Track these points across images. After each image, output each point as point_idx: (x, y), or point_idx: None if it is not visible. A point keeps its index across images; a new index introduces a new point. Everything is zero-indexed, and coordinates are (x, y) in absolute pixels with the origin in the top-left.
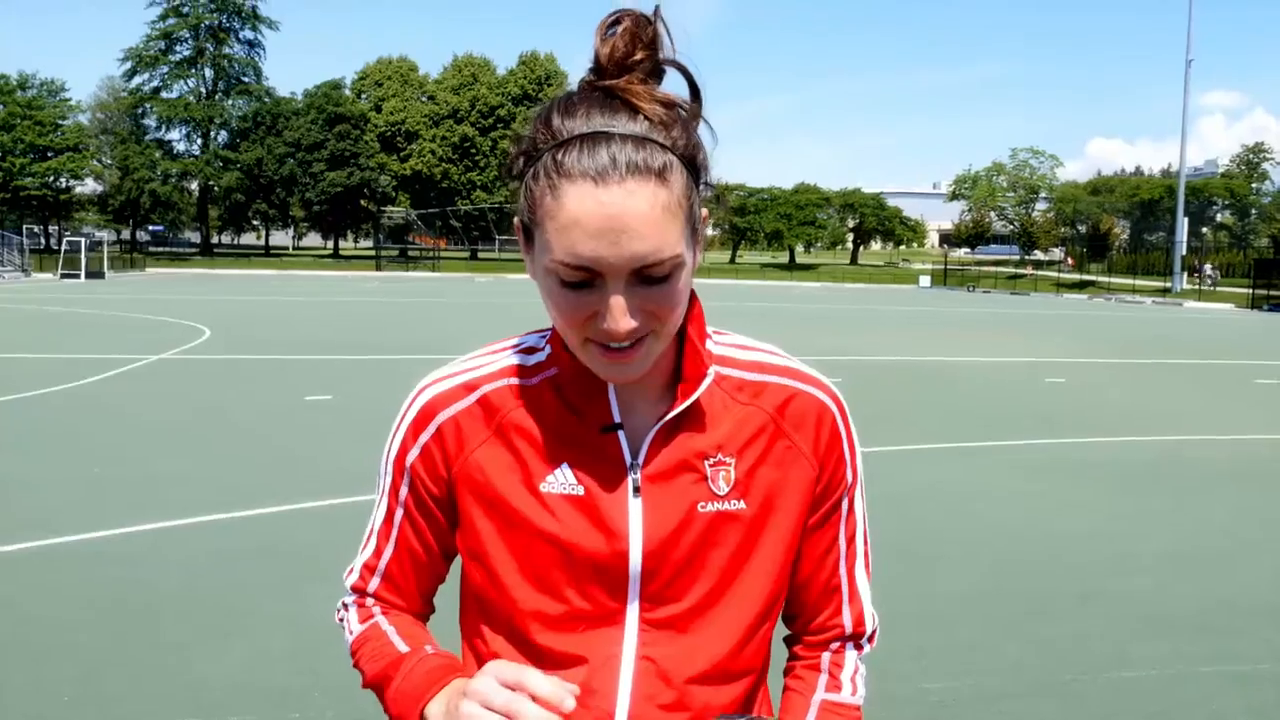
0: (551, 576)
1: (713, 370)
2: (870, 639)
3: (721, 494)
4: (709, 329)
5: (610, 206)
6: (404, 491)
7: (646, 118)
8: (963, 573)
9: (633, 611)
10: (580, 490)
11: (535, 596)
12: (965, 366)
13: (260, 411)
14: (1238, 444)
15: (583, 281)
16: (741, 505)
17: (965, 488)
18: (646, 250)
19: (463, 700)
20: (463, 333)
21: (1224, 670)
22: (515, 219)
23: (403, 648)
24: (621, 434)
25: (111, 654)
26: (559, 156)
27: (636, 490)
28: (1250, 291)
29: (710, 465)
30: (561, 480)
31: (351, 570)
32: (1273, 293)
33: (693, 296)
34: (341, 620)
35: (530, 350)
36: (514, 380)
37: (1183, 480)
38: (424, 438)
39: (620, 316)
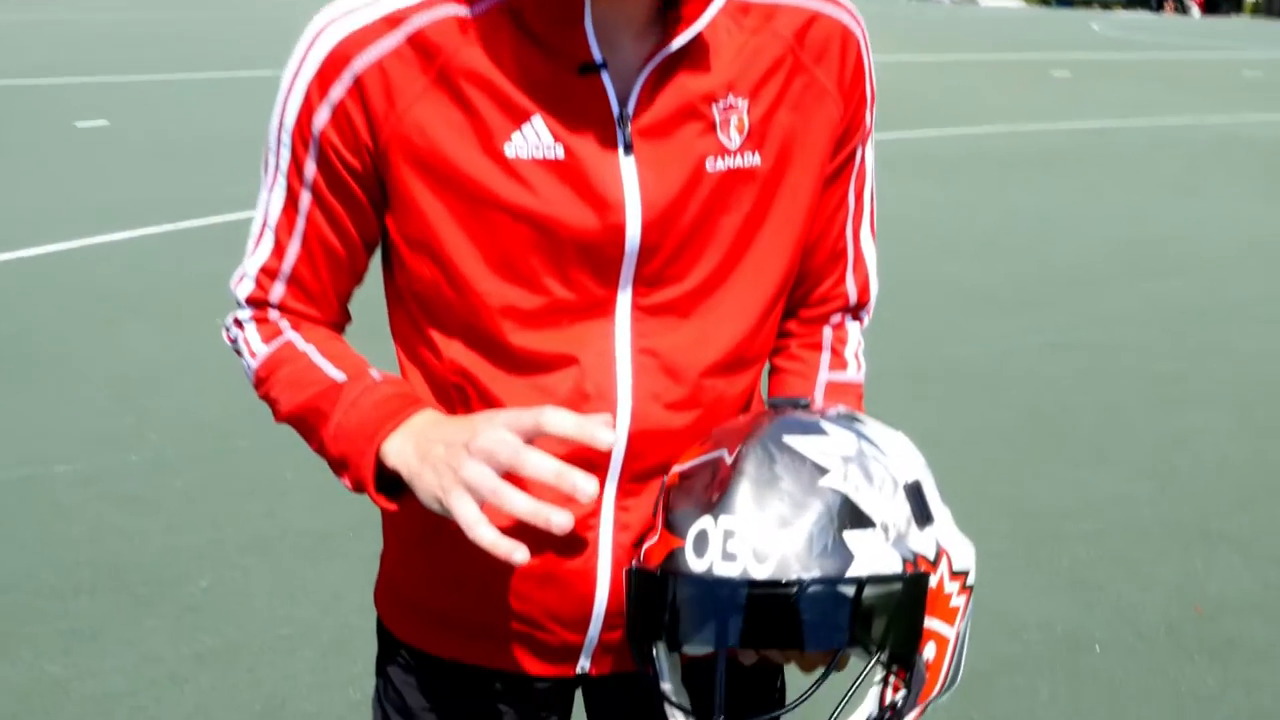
0: (526, 263)
1: None
2: (869, 310)
3: (733, 147)
4: None
5: None
6: (311, 169)
7: None
8: None
9: (624, 299)
10: (559, 152)
11: (505, 289)
12: None
13: (26, 140)
14: (1039, 134)
15: None
16: (756, 160)
17: None
18: None
19: (464, 460)
20: (286, 29)
21: (1047, 341)
22: None
23: (335, 374)
24: (605, 75)
25: None
26: None
27: (629, 147)
28: None
29: (720, 110)
30: (533, 140)
31: (243, 277)
32: None
33: None
34: (234, 341)
35: None
36: (455, 9)
37: (991, 170)
38: (336, 94)
39: None
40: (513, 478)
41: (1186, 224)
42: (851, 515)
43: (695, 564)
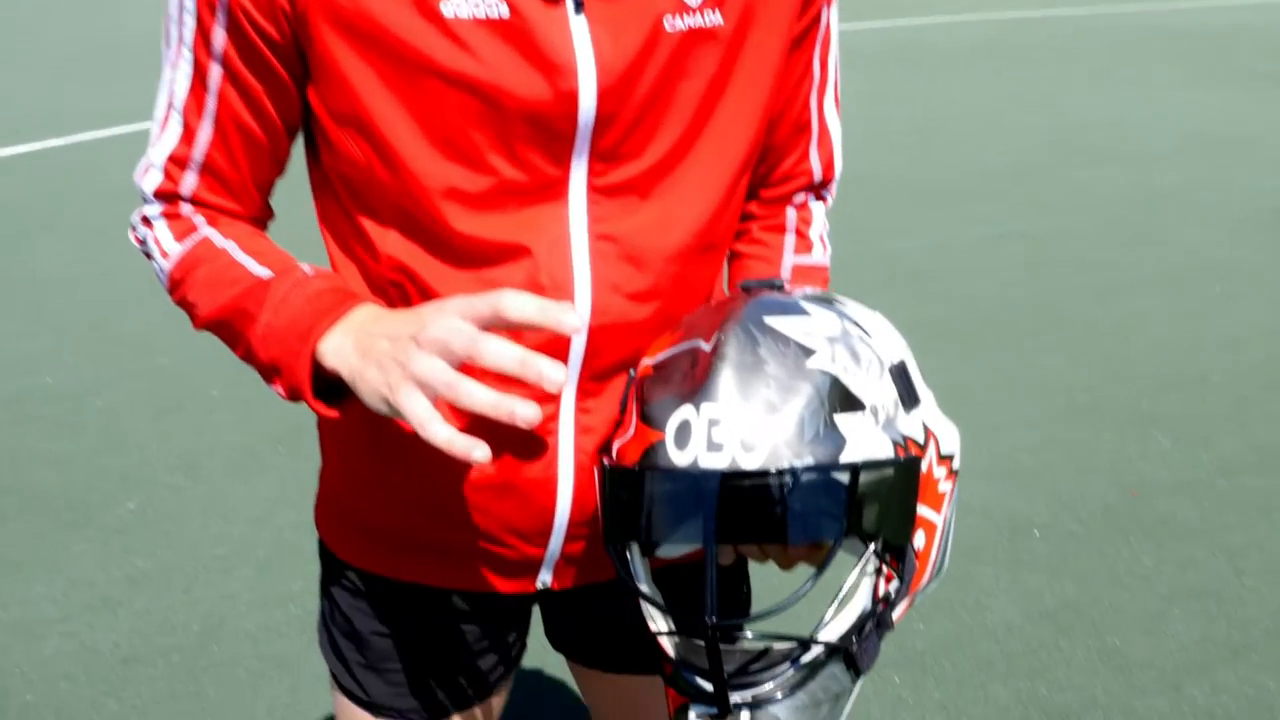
0: (469, 138)
1: None
2: (832, 190)
3: (693, 4)
4: None
5: None
6: (219, 39)
7: None
8: None
9: (578, 177)
10: (502, 10)
11: (446, 168)
12: None
13: None
14: (974, 24)
15: None
16: (718, 19)
17: None
18: None
19: (413, 353)
20: None
21: (986, 232)
22: None
23: (260, 270)
24: None
25: None
26: None
27: (579, 5)
28: None
29: None
30: None
31: (149, 168)
32: None
33: None
34: (143, 243)
35: None
36: None
37: (929, 61)
38: None
39: None
40: (468, 370)
41: (1116, 113)
42: (842, 398)
43: (678, 457)
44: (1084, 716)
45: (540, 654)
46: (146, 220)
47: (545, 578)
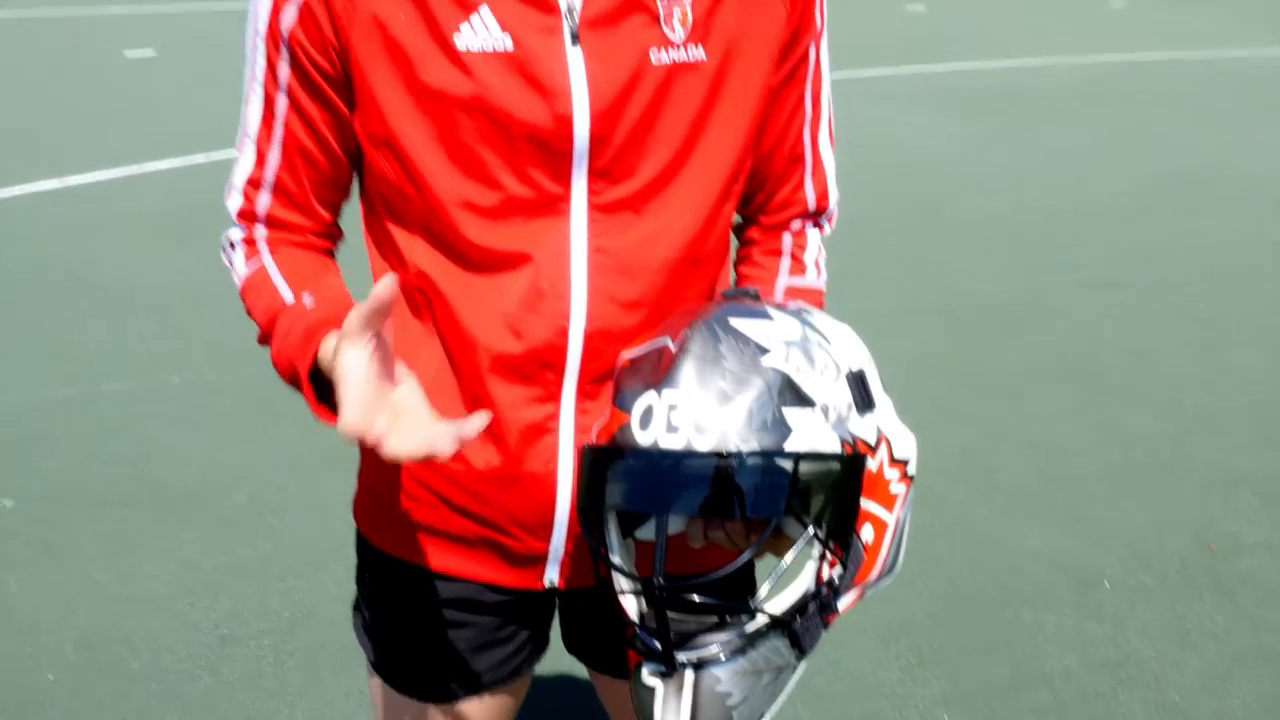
0: (480, 157)
1: None
2: (830, 218)
3: (677, 40)
4: None
5: None
6: (284, 72)
7: None
8: None
9: (579, 194)
10: (507, 42)
11: (462, 183)
12: None
13: (76, 72)
14: (1093, 65)
15: None
16: (701, 54)
17: None
18: None
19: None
20: None
21: (1082, 279)
22: None
23: (287, 296)
24: None
25: None
26: None
27: (575, 38)
28: None
29: (663, 3)
30: (482, 32)
31: (231, 190)
32: None
33: None
34: (231, 265)
35: None
36: None
37: (1034, 104)
38: None
39: None
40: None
41: (1229, 160)
42: (791, 393)
43: (641, 436)
44: None
45: (564, 657)
46: (231, 244)
47: (552, 575)
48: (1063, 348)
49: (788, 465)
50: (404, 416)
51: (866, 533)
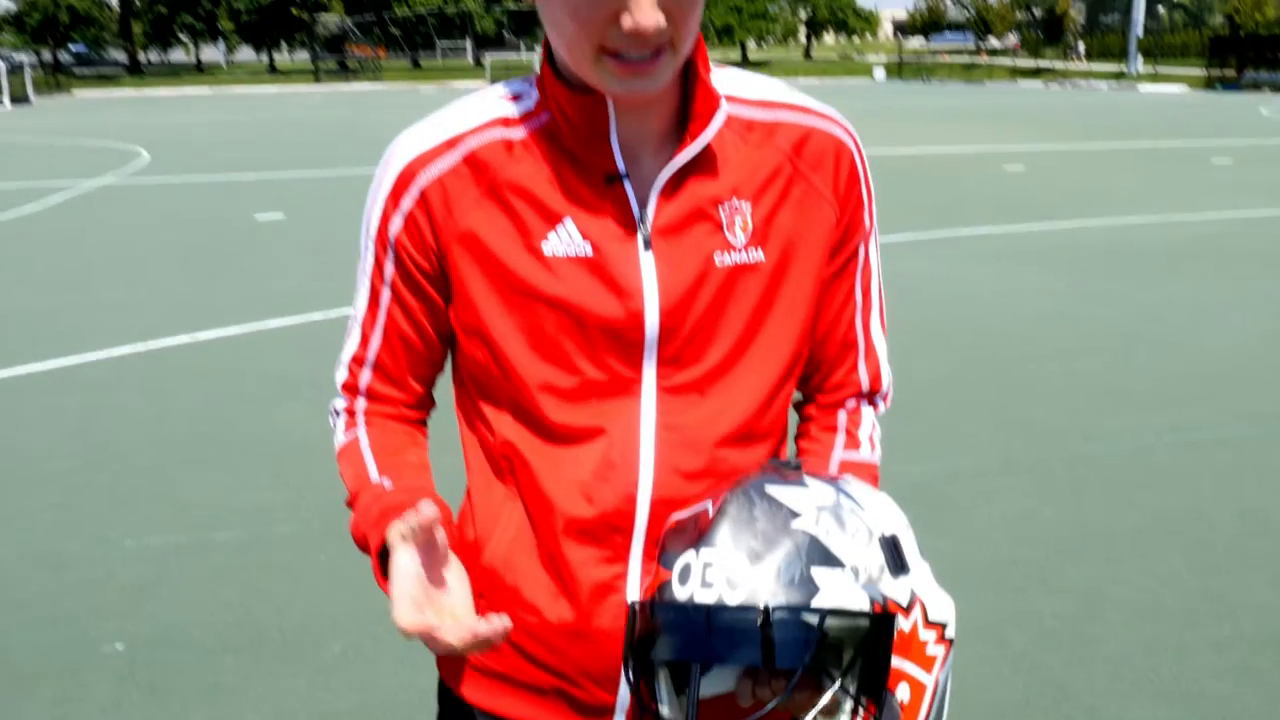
0: (561, 346)
1: (724, 106)
2: (885, 397)
3: (738, 244)
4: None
5: None
6: (389, 269)
7: None
8: (929, 360)
9: (649, 378)
10: (587, 249)
11: (544, 369)
12: (924, 158)
13: (210, 233)
14: (1195, 224)
15: None
16: (760, 256)
17: (928, 277)
18: None
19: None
20: None
21: (1185, 439)
22: None
23: (372, 474)
24: (627, 183)
25: (89, 479)
26: None
27: (647, 245)
28: (1205, 72)
29: (725, 211)
30: (565, 240)
31: (339, 366)
32: (1226, 72)
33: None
34: (333, 430)
35: (516, 97)
36: (502, 132)
37: (1141, 261)
38: (406, 204)
39: (650, 6)
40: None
41: None
42: (820, 554)
43: (679, 592)
44: None
45: None
46: (335, 411)
47: None
48: (1167, 510)
49: (814, 620)
50: (450, 613)
51: (903, 692)
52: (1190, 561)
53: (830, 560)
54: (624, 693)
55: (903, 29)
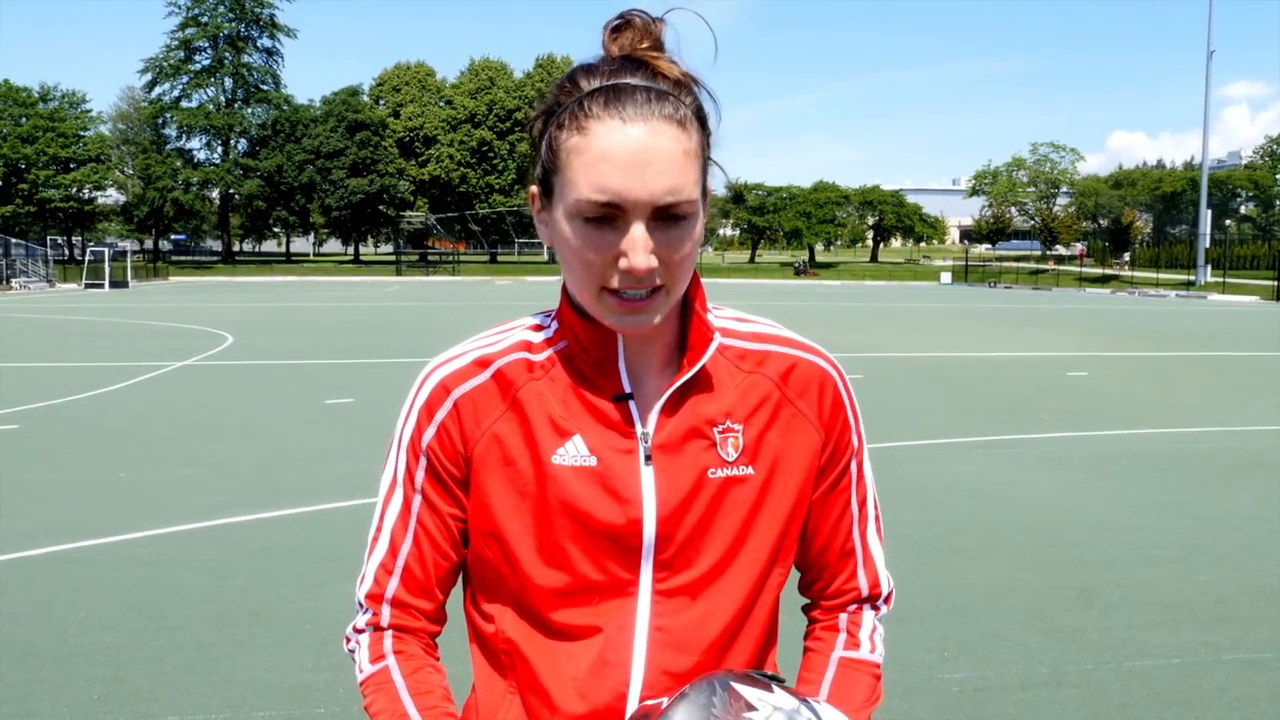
0: (565, 550)
1: (716, 338)
2: (887, 600)
3: (730, 460)
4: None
5: (637, 141)
6: (420, 477)
7: (665, 77)
8: (983, 565)
9: (645, 581)
10: (593, 461)
11: (548, 572)
12: (987, 361)
13: (282, 415)
14: (1261, 435)
15: (606, 217)
16: (750, 470)
17: (986, 481)
18: (669, 186)
19: None
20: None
21: (1244, 658)
22: (531, 186)
23: (413, 714)
24: (632, 403)
25: (139, 652)
26: (585, 104)
27: (648, 459)
28: (1275, 284)
29: (719, 432)
30: (574, 452)
31: (364, 578)
32: None
33: (694, 271)
34: (352, 653)
35: (538, 327)
36: (525, 355)
37: (1204, 471)
38: (440, 416)
39: (643, 250)
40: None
41: None
42: None
43: None
44: None
45: None
46: (356, 631)
47: None
48: None
49: None
50: None
51: None
52: None
53: None
54: None
55: (969, 236)
